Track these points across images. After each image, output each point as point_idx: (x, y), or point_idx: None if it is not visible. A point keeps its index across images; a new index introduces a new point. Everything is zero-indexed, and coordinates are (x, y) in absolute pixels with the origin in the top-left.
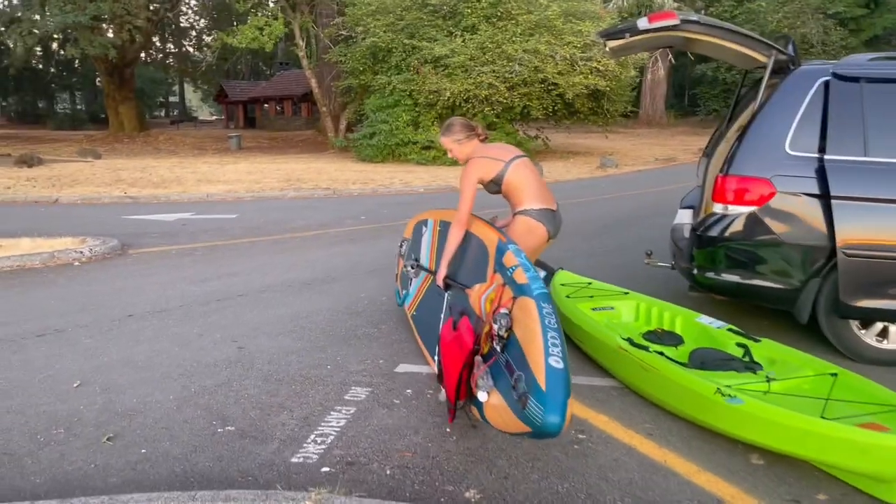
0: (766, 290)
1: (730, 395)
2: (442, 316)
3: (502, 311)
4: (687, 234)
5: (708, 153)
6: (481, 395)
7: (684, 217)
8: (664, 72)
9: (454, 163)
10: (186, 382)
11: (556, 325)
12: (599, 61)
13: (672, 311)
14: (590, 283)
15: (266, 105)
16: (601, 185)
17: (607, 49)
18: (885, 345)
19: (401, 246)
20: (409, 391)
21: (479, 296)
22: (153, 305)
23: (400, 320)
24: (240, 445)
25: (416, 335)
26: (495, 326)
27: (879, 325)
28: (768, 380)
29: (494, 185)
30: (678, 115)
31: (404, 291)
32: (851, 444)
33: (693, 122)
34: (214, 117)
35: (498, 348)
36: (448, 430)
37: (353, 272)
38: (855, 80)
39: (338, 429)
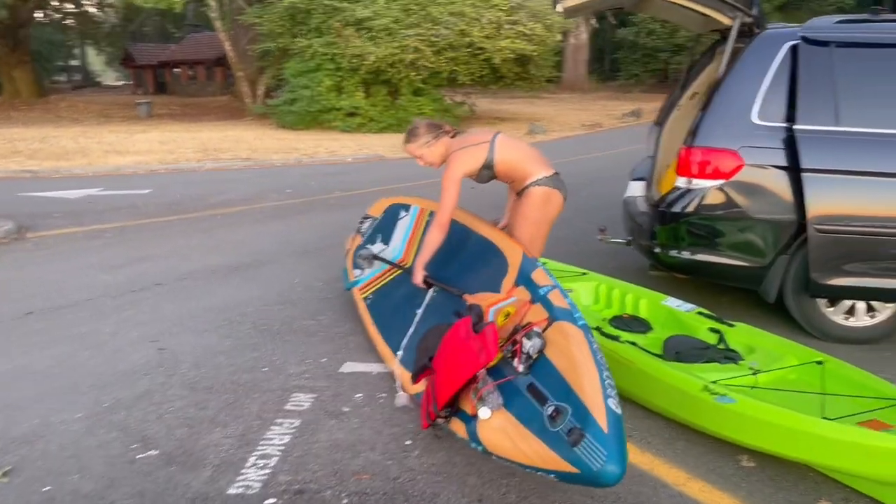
0: (732, 268)
1: (719, 394)
2: (419, 312)
3: (535, 329)
4: (641, 207)
5: (660, 122)
6: (483, 413)
7: (636, 189)
8: (586, 36)
9: (381, 129)
10: (98, 395)
11: (607, 364)
12: (525, 25)
13: (635, 293)
14: (544, 264)
15: (177, 70)
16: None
17: (560, 9)
18: (852, 322)
19: (361, 223)
20: (358, 396)
21: (488, 306)
22: (56, 300)
23: (341, 310)
24: (165, 475)
25: (368, 324)
26: (527, 344)
27: (847, 303)
28: (754, 372)
29: (487, 171)
30: (599, 79)
31: (357, 272)
32: (857, 448)
33: (614, 87)
34: (121, 83)
35: (520, 368)
36: (408, 442)
37: (282, 253)
38: (825, 43)
39: (281, 447)
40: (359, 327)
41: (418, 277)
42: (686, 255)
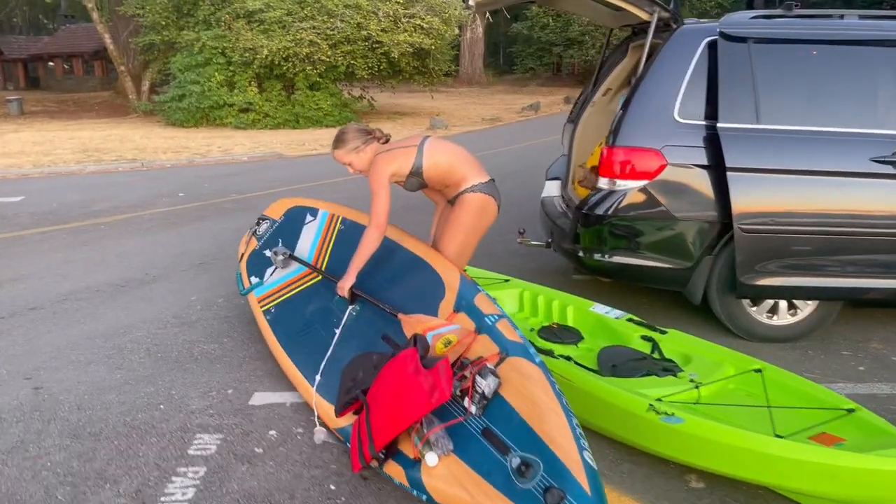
0: (658, 270)
1: (665, 413)
2: (337, 332)
3: (488, 365)
4: (559, 207)
5: (573, 119)
6: (430, 458)
7: (552, 189)
8: (482, 30)
9: (277, 125)
10: None
11: (571, 408)
12: (423, 18)
13: (561, 300)
14: (464, 271)
15: (51, 63)
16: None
17: (471, 3)
18: (775, 321)
19: (257, 223)
20: (272, 433)
21: (425, 330)
22: None
23: (246, 331)
24: None
25: (272, 344)
26: (482, 383)
27: (769, 302)
28: (695, 385)
29: (415, 179)
30: (496, 73)
31: (255, 279)
32: (814, 466)
33: (510, 81)
34: None
35: (473, 410)
36: (332, 487)
37: (177, 267)
38: (742, 39)
39: None
40: (267, 350)
41: (347, 286)
42: (610, 258)
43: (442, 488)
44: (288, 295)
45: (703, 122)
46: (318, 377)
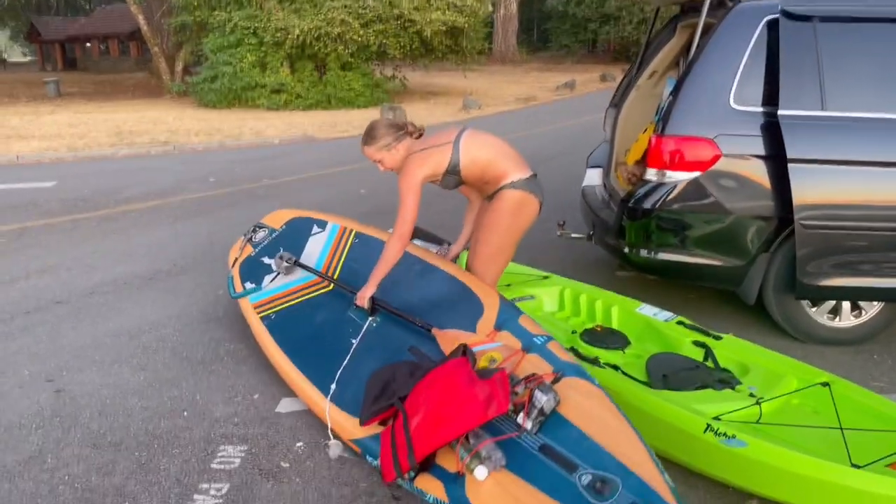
0: (710, 268)
1: (725, 435)
2: (356, 341)
3: (546, 382)
4: (601, 197)
5: (616, 104)
6: (480, 473)
7: (594, 178)
8: (515, 7)
9: (309, 106)
10: None
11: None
12: None
13: (605, 299)
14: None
15: (88, 44)
16: None
17: None
18: (837, 323)
19: (253, 230)
20: (299, 445)
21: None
22: None
23: None
24: None
25: (271, 351)
26: (542, 398)
27: (831, 303)
28: (756, 400)
29: (452, 177)
30: (530, 50)
31: (251, 285)
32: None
33: (545, 58)
34: (28, 58)
35: (528, 426)
36: None
37: (206, 257)
38: (806, 18)
39: None
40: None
41: (368, 295)
42: (658, 254)
43: (491, 502)
44: (292, 303)
45: (762, 109)
46: (333, 386)
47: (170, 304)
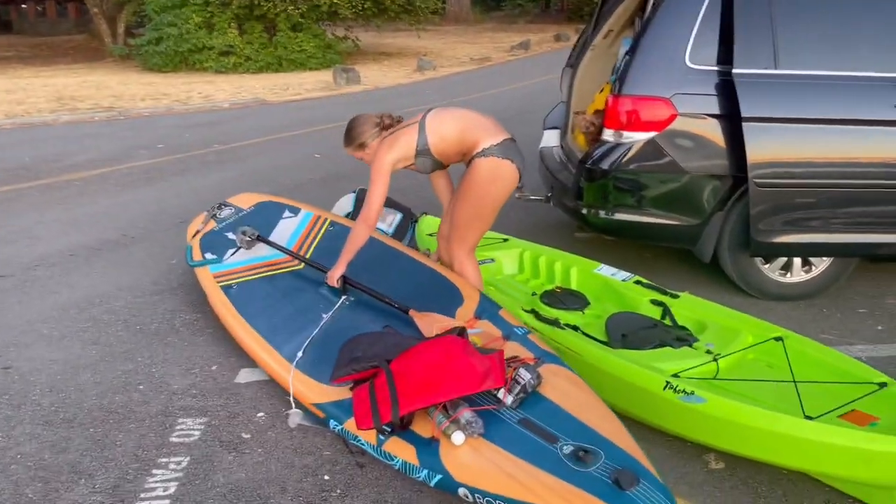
0: (667, 227)
1: (684, 392)
2: (326, 316)
3: (528, 364)
4: (558, 158)
5: (572, 64)
6: (457, 438)
7: (551, 139)
8: None
9: (259, 69)
10: None
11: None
12: None
13: (564, 261)
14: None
15: (24, 5)
16: (424, 91)
17: None
18: (789, 279)
19: (218, 207)
20: (260, 415)
21: (443, 328)
22: None
23: None
24: None
25: (230, 316)
26: (526, 376)
27: (783, 259)
28: (713, 357)
29: (425, 158)
30: (483, 10)
31: (212, 255)
32: (846, 451)
33: (498, 18)
34: None
35: (509, 401)
36: (327, 477)
37: (157, 227)
38: None
39: (166, 501)
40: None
41: (337, 275)
42: (616, 215)
43: (467, 465)
44: (255, 276)
45: (717, 68)
46: (299, 353)
47: (120, 276)
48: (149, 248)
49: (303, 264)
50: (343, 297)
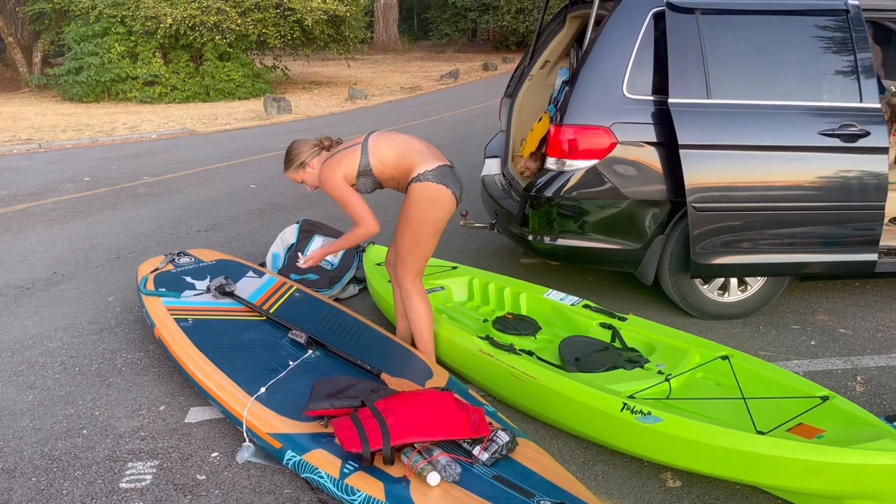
0: (610, 252)
1: (641, 412)
2: (293, 363)
3: (502, 431)
4: (500, 186)
5: (510, 94)
6: (432, 478)
7: (492, 167)
8: None
9: (186, 99)
10: None
11: None
12: None
13: (513, 287)
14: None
15: None
16: (356, 119)
17: None
18: (726, 298)
19: (178, 254)
20: (215, 455)
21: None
22: None
23: None
24: None
25: (186, 348)
26: (504, 436)
27: (720, 280)
28: (665, 378)
29: (366, 178)
30: (411, 39)
31: (168, 291)
32: (796, 463)
33: (426, 47)
34: None
35: (484, 457)
36: None
37: (89, 263)
38: (689, 10)
39: None
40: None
41: (318, 256)
42: (560, 241)
43: None
44: (214, 317)
45: (654, 98)
46: (262, 389)
47: (53, 315)
48: (82, 285)
49: (265, 317)
50: (310, 352)
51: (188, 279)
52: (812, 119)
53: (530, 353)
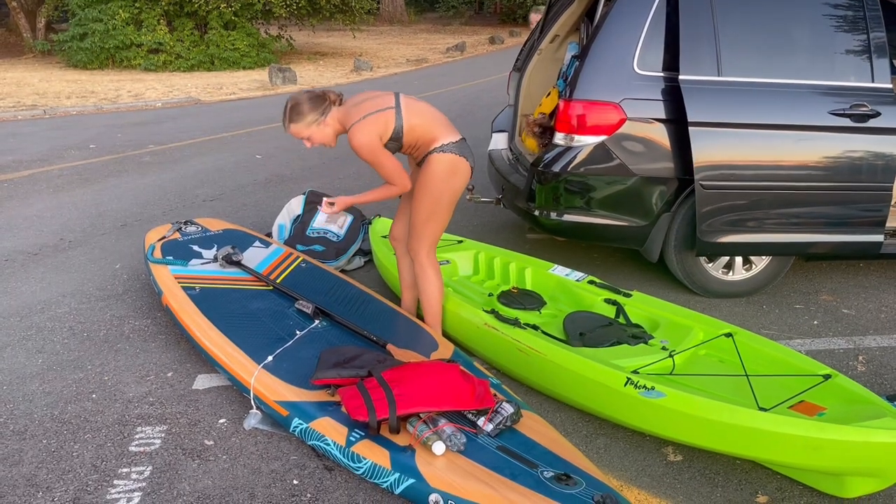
0: (616, 229)
1: (644, 387)
2: (300, 333)
3: (506, 405)
4: (507, 161)
5: (519, 68)
6: (437, 448)
7: (499, 142)
8: None
9: (190, 67)
10: None
11: None
12: None
13: (518, 262)
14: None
15: None
16: (362, 91)
17: None
18: (731, 277)
19: (185, 223)
20: (222, 421)
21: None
22: None
23: None
24: None
25: (193, 316)
26: (508, 408)
27: (725, 258)
28: (669, 353)
29: (393, 143)
30: (417, 11)
31: (175, 259)
32: (797, 440)
33: (432, 19)
34: None
35: (489, 428)
36: (296, 482)
37: (96, 230)
38: None
39: None
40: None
41: (342, 204)
42: (567, 216)
43: (443, 472)
44: (221, 286)
45: (664, 74)
46: (270, 357)
47: (61, 282)
48: (89, 252)
49: (272, 287)
50: (317, 322)
51: (195, 248)
52: (823, 98)
53: (535, 328)
